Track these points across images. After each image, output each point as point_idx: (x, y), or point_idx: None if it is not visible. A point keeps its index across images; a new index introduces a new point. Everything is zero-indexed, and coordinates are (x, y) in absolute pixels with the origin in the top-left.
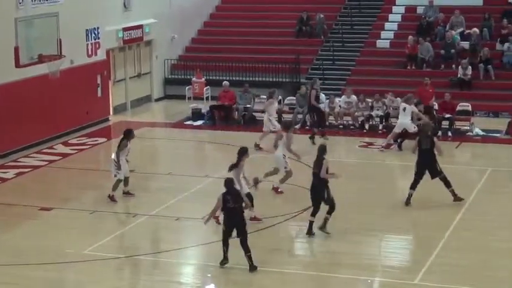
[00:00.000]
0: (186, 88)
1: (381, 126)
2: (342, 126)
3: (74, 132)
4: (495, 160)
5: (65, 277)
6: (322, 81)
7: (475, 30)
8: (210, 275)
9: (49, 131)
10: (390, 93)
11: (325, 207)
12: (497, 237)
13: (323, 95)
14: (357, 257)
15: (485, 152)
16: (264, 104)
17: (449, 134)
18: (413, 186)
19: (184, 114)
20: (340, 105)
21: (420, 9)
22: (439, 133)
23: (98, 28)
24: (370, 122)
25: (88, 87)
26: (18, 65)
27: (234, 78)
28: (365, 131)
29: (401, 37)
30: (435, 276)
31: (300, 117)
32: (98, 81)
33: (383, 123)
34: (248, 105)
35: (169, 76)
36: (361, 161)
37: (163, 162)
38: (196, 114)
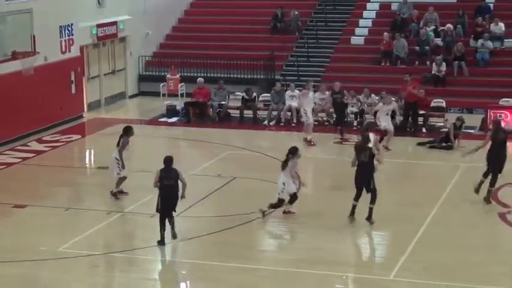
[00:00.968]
0: (161, 85)
1: (355, 123)
2: (316, 123)
3: (48, 129)
4: (469, 156)
5: (39, 275)
6: (296, 78)
7: (449, 26)
8: (185, 272)
9: (23, 128)
10: (365, 90)
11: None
12: (471, 233)
13: (297, 92)
14: (332, 253)
15: (459, 148)
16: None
17: (424, 130)
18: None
19: (159, 111)
20: (314, 102)
21: (394, 6)
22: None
23: (71, 25)
24: (346, 119)
25: (62, 84)
26: None
27: (209, 75)
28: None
29: (375, 34)
30: (410, 272)
31: (275, 113)
32: (72, 77)
33: (357, 120)
34: (223, 102)
35: (144, 73)
36: (336, 157)
37: (137, 159)
38: (171, 111)
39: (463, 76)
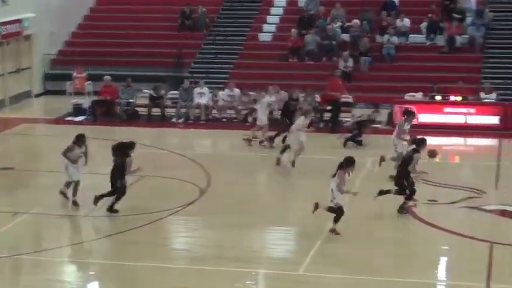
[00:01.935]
0: (67, 83)
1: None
2: (225, 120)
3: None
4: (375, 150)
5: None
6: (205, 75)
7: (356, 21)
8: (93, 273)
9: None
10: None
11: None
12: (379, 226)
13: (206, 89)
14: (241, 250)
15: (366, 142)
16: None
17: (330, 125)
18: None
19: (65, 110)
20: (223, 99)
21: (301, 3)
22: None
23: None
24: (254, 115)
25: None
26: None
27: (117, 73)
28: (248, 124)
29: (283, 30)
30: (319, 266)
31: (183, 111)
32: None
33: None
34: (131, 100)
35: (50, 71)
36: (246, 153)
37: (44, 159)
38: (78, 110)
39: (368, 72)
